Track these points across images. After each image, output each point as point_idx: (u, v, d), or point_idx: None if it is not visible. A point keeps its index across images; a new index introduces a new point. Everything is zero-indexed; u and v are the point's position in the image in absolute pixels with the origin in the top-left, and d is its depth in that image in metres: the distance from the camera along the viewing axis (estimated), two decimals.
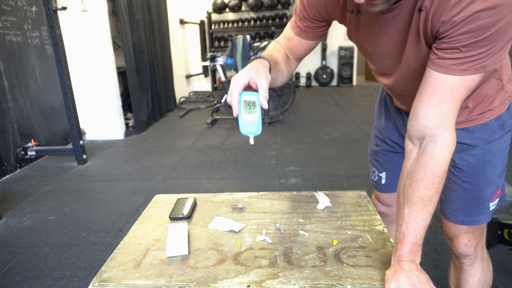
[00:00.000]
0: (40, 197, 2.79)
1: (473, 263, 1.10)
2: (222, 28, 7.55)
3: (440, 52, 0.74)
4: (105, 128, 4.32)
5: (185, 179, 3.05)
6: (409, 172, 0.80)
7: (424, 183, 0.77)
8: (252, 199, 1.17)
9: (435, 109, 0.76)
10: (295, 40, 1.03)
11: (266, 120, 4.72)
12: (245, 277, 0.79)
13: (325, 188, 2.74)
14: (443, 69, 0.74)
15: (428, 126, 0.77)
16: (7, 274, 1.87)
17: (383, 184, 1.28)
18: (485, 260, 1.13)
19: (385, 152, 1.25)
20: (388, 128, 1.21)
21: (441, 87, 0.75)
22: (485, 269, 1.13)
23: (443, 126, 0.76)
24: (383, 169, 1.27)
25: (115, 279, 0.81)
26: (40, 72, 3.65)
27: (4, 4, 3.17)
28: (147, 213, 1.12)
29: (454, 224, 1.08)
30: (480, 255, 1.11)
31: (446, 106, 0.75)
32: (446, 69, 0.73)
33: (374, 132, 1.30)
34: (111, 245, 2.10)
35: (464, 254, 1.09)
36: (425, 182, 0.77)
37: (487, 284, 1.15)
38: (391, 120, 1.20)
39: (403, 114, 1.13)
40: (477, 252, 1.09)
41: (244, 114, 0.75)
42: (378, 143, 1.27)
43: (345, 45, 7.55)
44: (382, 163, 1.27)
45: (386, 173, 1.26)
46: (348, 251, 0.87)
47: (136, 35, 4.49)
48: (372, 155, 1.31)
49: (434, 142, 0.77)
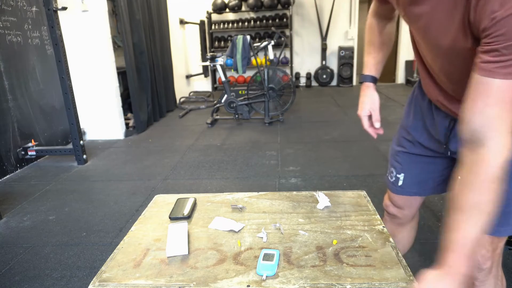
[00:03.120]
0: (40, 197, 2.79)
1: (485, 280, 1.03)
2: (222, 28, 7.55)
3: (484, 55, 0.72)
4: (105, 128, 4.32)
5: (185, 179, 3.05)
6: (461, 178, 0.78)
7: (475, 190, 0.74)
8: (252, 199, 1.17)
9: (481, 113, 0.74)
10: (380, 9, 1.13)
11: (266, 120, 4.72)
12: (245, 277, 0.79)
13: (325, 188, 2.75)
14: (486, 72, 0.72)
15: (476, 130, 0.75)
16: (7, 274, 1.87)
17: (400, 186, 1.23)
18: (499, 278, 1.05)
19: (408, 153, 1.20)
20: (417, 128, 1.16)
21: (484, 91, 0.73)
22: (498, 287, 1.05)
23: (493, 130, 0.73)
24: (402, 171, 1.22)
25: (115, 279, 0.81)
26: (41, 72, 3.65)
27: (4, 4, 3.17)
28: (147, 213, 1.12)
29: None
30: (494, 271, 1.03)
31: (493, 110, 0.73)
32: (488, 72, 0.71)
33: (400, 133, 1.25)
34: (111, 245, 2.11)
35: (479, 266, 1.01)
36: (476, 189, 0.74)
37: None
38: (420, 120, 1.15)
39: (433, 112, 1.08)
40: (492, 267, 1.02)
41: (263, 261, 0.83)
42: (403, 143, 1.22)
43: (345, 45, 7.55)
44: (402, 164, 1.22)
45: (405, 175, 1.22)
46: (347, 251, 0.87)
47: (136, 35, 4.49)
48: (393, 155, 1.27)
49: (484, 147, 0.74)
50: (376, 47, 1.18)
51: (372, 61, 1.18)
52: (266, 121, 4.71)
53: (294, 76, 7.77)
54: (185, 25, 7.15)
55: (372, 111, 1.14)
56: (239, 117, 4.83)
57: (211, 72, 7.67)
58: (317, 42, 7.71)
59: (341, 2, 7.42)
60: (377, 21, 1.17)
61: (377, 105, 1.15)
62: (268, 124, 4.71)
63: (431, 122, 1.10)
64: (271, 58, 4.88)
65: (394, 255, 0.85)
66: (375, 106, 1.15)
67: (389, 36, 1.18)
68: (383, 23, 1.17)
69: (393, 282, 0.76)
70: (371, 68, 1.18)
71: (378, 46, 1.18)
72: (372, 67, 1.18)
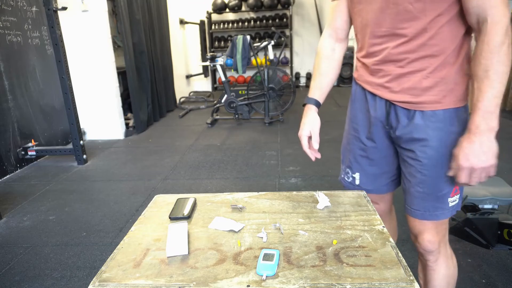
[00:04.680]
0: (40, 197, 2.79)
1: (437, 259, 1.15)
2: (222, 28, 7.55)
3: None
4: (105, 128, 4.32)
5: (185, 179, 3.05)
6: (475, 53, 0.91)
7: (487, 56, 0.87)
8: (252, 199, 1.17)
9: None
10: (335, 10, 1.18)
11: (266, 120, 4.72)
12: (245, 277, 0.79)
13: (325, 188, 2.75)
14: None
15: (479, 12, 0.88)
16: (7, 274, 1.87)
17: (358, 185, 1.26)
18: (449, 256, 1.17)
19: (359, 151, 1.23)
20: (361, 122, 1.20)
21: None
22: (449, 264, 1.17)
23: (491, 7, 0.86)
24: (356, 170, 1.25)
25: (115, 279, 0.81)
26: (41, 72, 3.65)
27: (4, 4, 3.17)
28: (147, 213, 1.12)
29: (418, 220, 1.11)
30: (443, 251, 1.15)
31: None
32: None
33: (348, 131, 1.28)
34: (111, 245, 2.11)
35: (428, 250, 1.12)
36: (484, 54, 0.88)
37: (453, 279, 1.19)
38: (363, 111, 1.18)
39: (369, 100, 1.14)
40: (440, 248, 1.13)
41: (263, 261, 0.84)
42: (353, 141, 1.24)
43: None
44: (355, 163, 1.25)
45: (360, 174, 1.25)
46: (347, 251, 0.87)
47: (136, 35, 4.49)
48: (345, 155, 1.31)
49: (487, 21, 0.87)
50: (323, 72, 1.22)
51: (318, 85, 1.22)
52: (266, 121, 4.71)
53: (294, 76, 7.77)
54: (185, 25, 7.15)
55: (312, 133, 1.18)
56: (239, 117, 4.83)
57: (211, 72, 7.67)
58: (317, 42, 7.68)
59: None
60: (327, 44, 1.21)
61: (317, 127, 1.19)
62: (268, 124, 4.71)
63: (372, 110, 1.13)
64: (271, 58, 4.88)
65: (394, 255, 0.85)
66: (315, 128, 1.18)
67: (336, 62, 1.22)
68: (333, 47, 1.21)
69: (393, 282, 0.76)
70: (314, 92, 1.22)
71: (325, 71, 1.22)
72: (315, 91, 1.22)
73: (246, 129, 4.60)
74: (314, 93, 1.22)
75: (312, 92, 1.22)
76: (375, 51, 1.06)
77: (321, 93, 1.22)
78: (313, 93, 1.22)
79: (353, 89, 1.23)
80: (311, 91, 1.23)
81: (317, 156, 1.20)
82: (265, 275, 0.79)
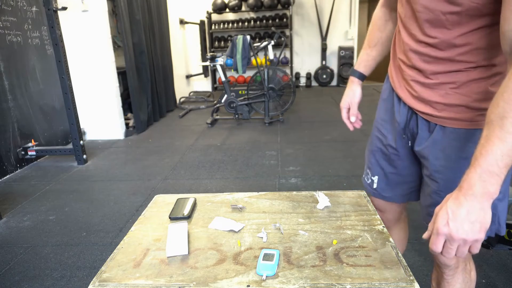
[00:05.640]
0: (40, 197, 2.79)
1: (454, 274, 1.06)
2: (222, 28, 7.55)
3: None
4: (105, 128, 4.32)
5: (185, 179, 3.05)
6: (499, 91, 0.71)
7: (505, 96, 0.67)
8: (252, 199, 1.17)
9: None
10: None
11: (266, 120, 4.72)
12: (244, 277, 0.79)
13: (325, 188, 2.75)
14: None
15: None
16: (7, 274, 1.87)
17: (375, 189, 1.20)
18: (467, 271, 1.08)
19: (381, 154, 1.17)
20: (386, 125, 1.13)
21: None
22: (466, 280, 1.08)
23: None
24: (376, 173, 1.19)
25: (115, 279, 0.81)
26: (41, 72, 3.65)
27: (4, 4, 3.17)
28: (147, 213, 1.12)
29: None
30: (462, 266, 1.06)
31: None
32: None
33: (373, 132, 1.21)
34: (111, 245, 2.11)
35: (445, 264, 1.04)
36: (506, 94, 0.67)
37: None
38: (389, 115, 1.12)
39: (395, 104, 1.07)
40: (459, 263, 1.05)
41: (263, 261, 0.84)
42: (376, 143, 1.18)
43: (345, 45, 7.55)
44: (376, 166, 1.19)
45: (379, 178, 1.19)
46: (347, 251, 0.87)
47: (136, 35, 4.49)
48: (367, 155, 1.24)
49: None
50: (371, 44, 1.18)
51: (365, 57, 1.19)
52: (266, 121, 4.71)
53: (294, 76, 7.77)
54: (185, 25, 7.14)
55: (351, 105, 1.18)
56: (239, 117, 4.83)
57: (211, 72, 7.67)
58: (317, 42, 7.71)
59: (341, 2, 7.42)
60: (382, 14, 1.14)
61: (356, 100, 1.19)
62: (268, 124, 4.71)
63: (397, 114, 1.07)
64: (271, 58, 4.87)
65: (394, 255, 0.85)
66: (354, 101, 1.18)
67: (389, 34, 1.15)
68: (387, 18, 1.14)
69: (393, 282, 0.76)
70: (360, 64, 1.20)
71: (374, 43, 1.17)
72: (362, 63, 1.20)
73: (246, 129, 4.60)
74: (360, 65, 1.19)
75: (358, 64, 1.20)
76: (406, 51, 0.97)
77: (367, 65, 1.19)
78: (359, 65, 1.20)
79: (384, 86, 1.15)
80: (357, 63, 1.20)
81: (355, 126, 1.21)
82: (265, 275, 0.79)
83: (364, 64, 1.19)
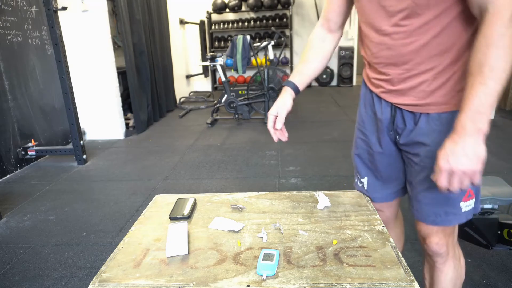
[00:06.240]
0: (40, 197, 2.79)
1: (445, 261, 1.12)
2: (222, 28, 7.55)
3: None
4: (105, 128, 4.32)
5: (185, 179, 3.05)
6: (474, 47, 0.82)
7: (479, 48, 0.79)
8: (252, 199, 1.17)
9: None
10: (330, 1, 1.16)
11: (266, 120, 4.72)
12: (244, 277, 0.79)
13: (325, 188, 2.75)
14: None
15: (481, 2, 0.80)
16: (7, 274, 1.87)
17: (366, 191, 1.23)
18: (457, 257, 1.15)
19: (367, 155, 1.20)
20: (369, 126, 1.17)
21: None
22: (457, 266, 1.14)
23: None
24: (365, 174, 1.22)
25: (115, 279, 0.81)
26: (40, 72, 3.65)
27: (4, 4, 3.17)
28: (147, 213, 1.12)
29: (425, 224, 1.08)
30: (452, 253, 1.12)
31: None
32: None
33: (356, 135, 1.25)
34: (111, 245, 2.11)
35: (436, 252, 1.10)
36: (480, 47, 0.79)
37: (459, 280, 1.17)
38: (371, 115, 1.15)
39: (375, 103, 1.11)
40: (448, 250, 1.10)
41: (263, 261, 0.84)
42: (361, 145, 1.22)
43: (345, 45, 7.55)
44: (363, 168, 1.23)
45: (368, 178, 1.22)
46: (347, 251, 0.87)
47: (136, 35, 4.49)
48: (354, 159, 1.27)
49: (488, 11, 0.79)
50: (304, 60, 1.22)
51: (299, 70, 1.22)
52: (266, 121, 4.71)
53: None
54: (185, 25, 7.15)
55: (279, 114, 1.17)
56: (239, 117, 4.83)
57: (211, 72, 7.67)
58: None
59: None
60: (319, 34, 1.20)
61: (285, 109, 1.17)
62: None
63: (379, 113, 1.11)
64: (271, 58, 4.88)
65: (394, 255, 0.85)
66: (282, 110, 1.17)
67: (325, 53, 1.21)
68: (324, 38, 1.20)
69: (393, 282, 0.76)
70: (295, 76, 1.22)
71: (306, 60, 1.21)
72: (296, 76, 1.22)
73: (246, 129, 4.60)
74: (294, 76, 1.22)
75: (292, 76, 1.23)
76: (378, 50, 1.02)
77: (301, 78, 1.21)
78: (293, 77, 1.22)
79: (362, 90, 1.20)
80: (292, 75, 1.24)
81: (280, 138, 1.20)
82: (265, 275, 0.79)
83: (299, 77, 1.21)
